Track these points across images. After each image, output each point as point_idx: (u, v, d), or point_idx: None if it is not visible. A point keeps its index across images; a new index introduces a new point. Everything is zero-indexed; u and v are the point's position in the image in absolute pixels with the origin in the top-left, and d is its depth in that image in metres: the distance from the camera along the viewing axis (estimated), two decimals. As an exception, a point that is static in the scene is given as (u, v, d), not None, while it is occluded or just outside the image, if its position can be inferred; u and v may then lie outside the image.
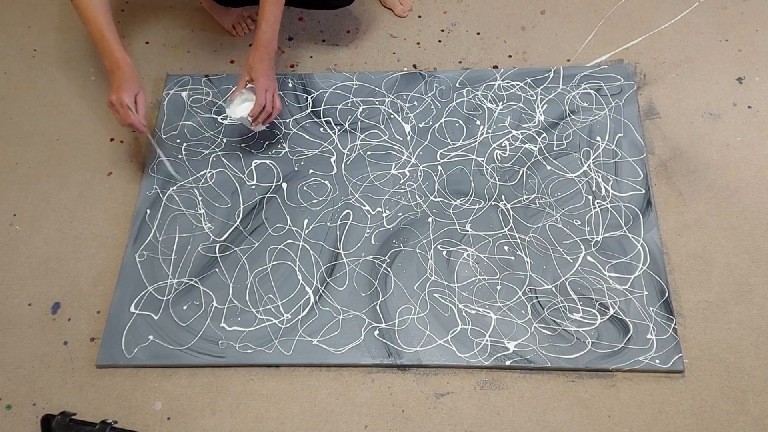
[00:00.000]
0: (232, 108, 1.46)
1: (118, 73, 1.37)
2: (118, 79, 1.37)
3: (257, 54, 1.42)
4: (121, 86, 1.36)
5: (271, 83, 1.44)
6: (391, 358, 1.29)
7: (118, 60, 1.37)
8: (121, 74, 1.37)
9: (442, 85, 1.62)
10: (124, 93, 1.35)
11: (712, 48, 1.67)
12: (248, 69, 1.44)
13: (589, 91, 1.59)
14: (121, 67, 1.37)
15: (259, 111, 1.43)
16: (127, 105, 1.35)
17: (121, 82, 1.36)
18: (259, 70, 1.42)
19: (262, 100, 1.42)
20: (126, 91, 1.36)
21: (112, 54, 1.37)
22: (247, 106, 1.45)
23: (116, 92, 1.36)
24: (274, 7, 1.42)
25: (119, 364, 1.31)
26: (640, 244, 1.38)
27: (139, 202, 1.49)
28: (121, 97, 1.35)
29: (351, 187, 1.49)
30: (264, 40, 1.42)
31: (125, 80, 1.36)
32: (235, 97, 1.46)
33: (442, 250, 1.40)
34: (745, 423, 1.21)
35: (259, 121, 1.44)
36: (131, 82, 1.37)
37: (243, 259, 1.41)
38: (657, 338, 1.28)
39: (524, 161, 1.50)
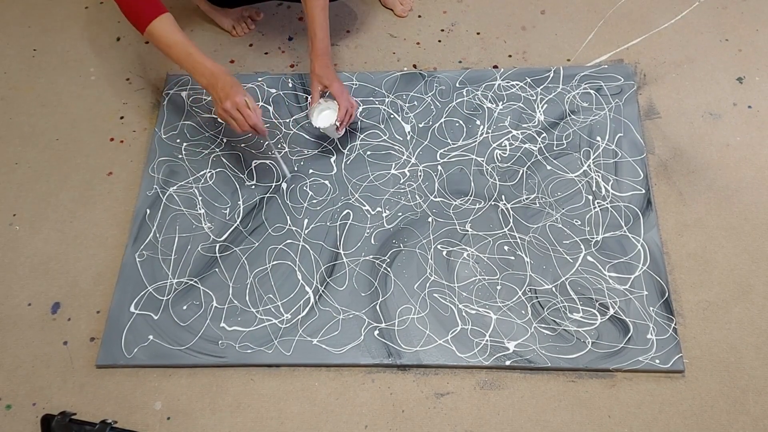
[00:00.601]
0: (316, 119, 1.47)
1: (219, 82, 1.32)
2: (222, 87, 1.32)
3: (322, 62, 1.44)
4: (229, 92, 1.32)
5: (343, 86, 1.46)
6: (391, 358, 1.29)
7: (213, 71, 1.33)
8: (223, 81, 1.32)
9: (442, 85, 1.62)
10: (236, 97, 1.31)
11: (712, 48, 1.67)
12: (317, 78, 1.45)
13: (589, 91, 1.59)
14: (219, 76, 1.33)
15: (344, 114, 1.44)
16: (247, 106, 1.32)
17: (227, 88, 1.32)
18: (328, 76, 1.44)
19: (345, 104, 1.44)
20: (237, 94, 1.32)
21: (205, 67, 1.33)
22: (328, 114, 1.46)
23: (227, 98, 1.31)
24: (323, 13, 1.43)
25: (119, 364, 1.31)
26: (640, 244, 1.38)
27: (138, 202, 1.49)
28: (236, 102, 1.31)
29: (351, 187, 1.49)
30: (323, 48, 1.44)
31: (230, 85, 1.32)
32: (314, 108, 1.46)
33: (442, 250, 1.40)
34: (745, 423, 1.21)
35: (345, 124, 1.45)
36: (236, 85, 1.33)
37: (243, 259, 1.41)
38: (657, 338, 1.28)
39: (524, 161, 1.50)
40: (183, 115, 1.62)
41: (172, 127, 1.60)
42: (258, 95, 1.63)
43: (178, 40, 1.34)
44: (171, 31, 1.34)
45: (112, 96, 1.69)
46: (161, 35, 1.34)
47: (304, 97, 1.63)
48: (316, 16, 1.42)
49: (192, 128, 1.60)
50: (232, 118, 1.33)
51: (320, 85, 1.45)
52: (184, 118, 1.61)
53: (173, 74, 1.69)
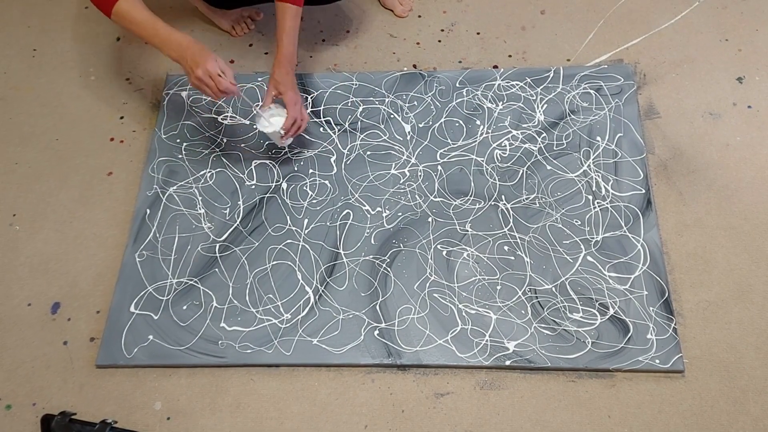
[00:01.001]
0: (261, 122, 1.46)
1: (188, 52, 1.32)
2: (192, 57, 1.32)
3: (282, 69, 1.43)
4: (199, 60, 1.31)
5: (298, 96, 1.45)
6: (391, 358, 1.29)
7: (181, 42, 1.33)
8: (192, 51, 1.32)
9: (442, 85, 1.62)
10: (207, 63, 1.31)
11: (712, 48, 1.67)
12: (274, 84, 1.44)
13: (589, 90, 1.59)
14: (188, 46, 1.32)
15: (290, 124, 1.43)
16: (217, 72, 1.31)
17: (197, 56, 1.31)
18: (285, 84, 1.43)
19: (294, 113, 1.42)
20: (207, 61, 1.31)
21: (172, 40, 1.33)
22: (276, 120, 1.45)
23: (197, 67, 1.31)
24: (292, 21, 1.42)
25: (119, 364, 1.31)
26: (640, 244, 1.38)
27: (138, 202, 1.49)
28: (207, 69, 1.30)
29: (351, 187, 1.49)
30: (287, 55, 1.43)
31: (200, 53, 1.32)
32: (264, 112, 1.45)
33: (442, 250, 1.40)
34: (745, 423, 1.21)
35: (290, 134, 1.44)
36: (205, 52, 1.32)
37: (243, 259, 1.41)
38: (657, 338, 1.28)
39: (524, 161, 1.50)
40: (183, 115, 1.62)
41: (172, 127, 1.60)
42: (258, 95, 1.63)
43: (144, 17, 1.34)
44: (136, 9, 1.34)
45: (112, 96, 1.69)
46: (127, 14, 1.34)
47: (304, 97, 1.63)
48: (285, 22, 1.41)
49: (192, 128, 1.60)
50: (205, 86, 1.33)
51: (275, 91, 1.44)
52: (184, 118, 1.61)
53: (173, 74, 1.69)
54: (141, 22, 1.34)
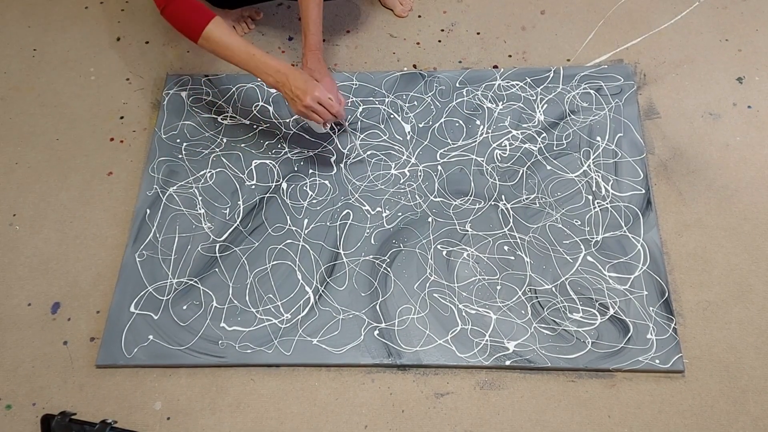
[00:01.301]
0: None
1: (289, 78, 1.32)
2: (296, 84, 1.32)
3: (314, 56, 1.45)
4: (306, 88, 1.32)
5: (333, 82, 1.47)
6: (391, 358, 1.29)
7: (280, 69, 1.33)
8: (294, 78, 1.33)
9: (442, 85, 1.62)
10: (314, 91, 1.32)
11: (712, 48, 1.67)
12: (310, 72, 1.45)
13: (589, 91, 1.59)
14: (289, 73, 1.33)
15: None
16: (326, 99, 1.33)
17: (302, 84, 1.32)
18: (320, 71, 1.45)
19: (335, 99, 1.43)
20: (315, 88, 1.32)
21: (270, 66, 1.33)
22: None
23: (305, 95, 1.31)
24: (317, 9, 1.44)
25: (119, 364, 1.31)
26: (640, 244, 1.38)
27: (138, 202, 1.49)
28: (315, 96, 1.32)
29: (351, 187, 1.49)
30: (316, 43, 1.46)
31: (304, 81, 1.33)
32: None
33: (442, 250, 1.40)
34: (745, 423, 1.21)
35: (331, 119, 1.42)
36: (310, 79, 1.33)
37: (243, 259, 1.41)
38: (657, 338, 1.28)
39: (524, 161, 1.50)
40: (183, 115, 1.62)
41: (172, 127, 1.60)
42: (258, 95, 1.63)
43: (236, 41, 1.34)
44: (227, 34, 1.33)
45: (112, 96, 1.69)
46: (218, 39, 1.33)
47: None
48: (310, 11, 1.43)
49: (192, 128, 1.60)
50: (315, 113, 1.34)
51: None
52: (184, 118, 1.61)
53: (173, 74, 1.69)
54: (234, 47, 1.33)
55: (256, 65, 1.34)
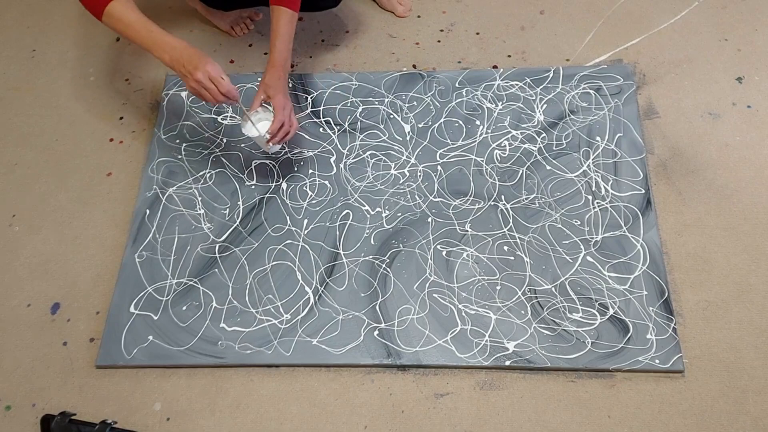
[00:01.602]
0: (248, 127, 1.41)
1: (184, 55, 1.28)
2: (189, 60, 1.28)
3: (274, 72, 1.39)
4: (197, 64, 1.27)
5: (288, 102, 1.41)
6: (391, 359, 1.29)
7: (175, 45, 1.29)
8: (188, 54, 1.28)
9: (442, 85, 1.62)
10: (207, 65, 1.27)
11: (711, 48, 1.67)
12: (264, 88, 1.40)
13: (588, 90, 1.59)
14: (183, 50, 1.29)
15: (278, 128, 1.39)
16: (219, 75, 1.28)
17: (195, 60, 1.28)
18: (276, 88, 1.39)
19: (281, 117, 1.38)
20: (207, 63, 1.27)
21: (166, 42, 1.29)
22: (263, 125, 1.41)
23: (196, 70, 1.27)
24: (288, 27, 1.39)
25: (119, 365, 1.31)
26: (640, 244, 1.38)
27: (138, 203, 1.49)
28: (207, 70, 1.27)
29: (350, 187, 1.49)
30: (280, 60, 1.40)
31: (198, 56, 1.28)
32: (251, 116, 1.41)
33: (441, 250, 1.40)
34: (745, 423, 1.21)
35: (276, 139, 1.40)
36: (203, 55, 1.29)
37: (243, 259, 1.41)
38: (657, 338, 1.28)
39: (524, 161, 1.50)
40: (182, 115, 1.62)
41: (172, 127, 1.60)
42: (257, 95, 1.63)
43: (137, 18, 1.30)
44: (128, 11, 1.31)
45: (112, 96, 1.69)
46: (119, 16, 1.31)
47: (304, 97, 1.63)
48: (279, 27, 1.39)
49: (191, 128, 1.60)
50: (205, 89, 1.29)
51: (264, 95, 1.40)
52: (184, 118, 1.61)
53: (172, 75, 1.69)
54: (133, 23, 1.31)
55: (154, 41, 1.30)
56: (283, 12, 1.38)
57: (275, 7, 1.39)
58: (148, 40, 1.30)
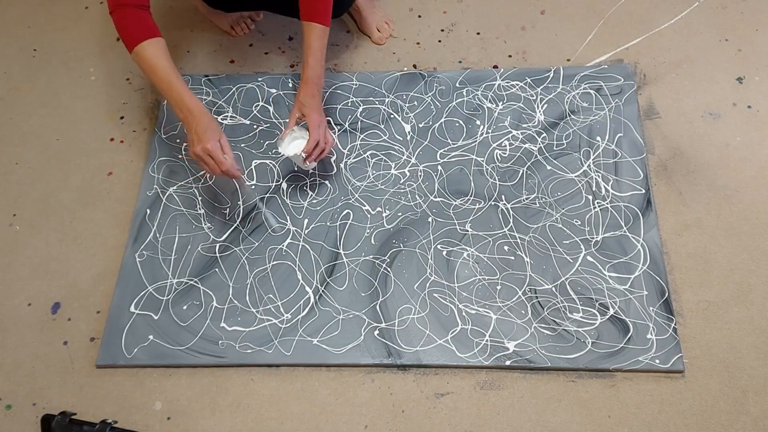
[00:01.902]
0: (283, 146, 1.42)
1: (194, 122, 1.30)
2: (196, 129, 1.30)
3: (307, 90, 1.39)
4: (202, 136, 1.29)
5: (323, 119, 1.41)
6: (391, 358, 1.29)
7: (191, 108, 1.31)
8: (197, 122, 1.30)
9: (442, 85, 1.62)
10: (208, 142, 1.28)
11: (711, 48, 1.67)
12: (299, 105, 1.40)
13: (589, 91, 1.59)
14: (195, 116, 1.30)
15: (313, 147, 1.38)
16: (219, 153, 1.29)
17: (201, 132, 1.29)
18: (310, 106, 1.39)
19: (316, 136, 1.38)
20: (210, 139, 1.29)
21: (183, 101, 1.31)
22: (298, 143, 1.41)
23: (200, 143, 1.29)
24: (319, 41, 1.39)
25: (119, 364, 1.31)
26: (640, 244, 1.38)
27: (138, 202, 1.49)
28: (207, 148, 1.28)
29: (351, 187, 1.49)
30: (313, 76, 1.40)
31: (205, 129, 1.30)
32: (286, 135, 1.41)
33: (442, 250, 1.40)
34: (745, 423, 1.21)
35: (312, 157, 1.40)
36: (211, 130, 1.30)
37: (243, 259, 1.41)
38: (657, 338, 1.28)
39: (524, 161, 1.50)
40: (183, 115, 1.62)
41: (172, 127, 1.60)
42: (258, 95, 1.63)
43: (163, 65, 1.32)
44: (158, 56, 1.32)
45: (112, 96, 1.69)
46: (147, 58, 1.31)
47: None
48: (311, 43, 1.38)
49: (192, 128, 1.60)
50: (204, 163, 1.31)
51: (299, 113, 1.41)
52: (184, 118, 1.61)
53: (173, 74, 1.69)
54: (159, 70, 1.31)
55: (172, 96, 1.32)
56: (314, 27, 1.38)
57: (306, 23, 1.38)
58: (167, 93, 1.33)
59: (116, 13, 1.32)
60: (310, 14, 1.38)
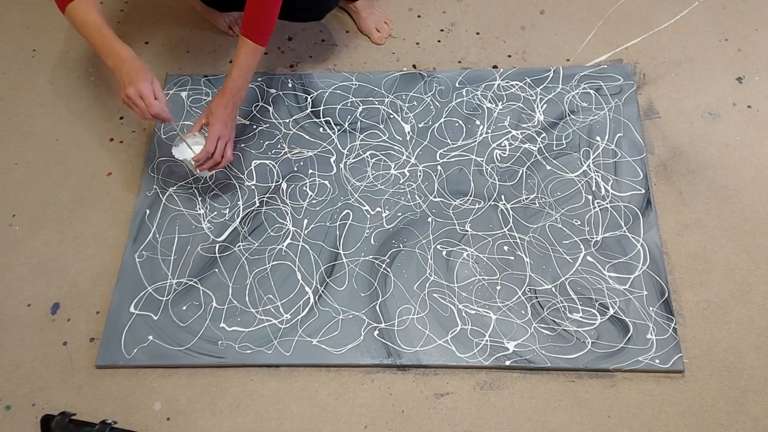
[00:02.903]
0: (179, 148, 1.40)
1: (125, 67, 1.27)
2: (127, 73, 1.27)
3: (222, 100, 1.38)
4: (133, 79, 1.26)
5: (227, 132, 1.39)
6: (391, 359, 1.29)
7: (120, 53, 1.28)
8: (128, 67, 1.27)
9: (442, 85, 1.62)
10: (140, 83, 1.26)
11: (711, 48, 1.67)
12: (207, 112, 1.39)
13: (588, 90, 1.59)
14: (125, 60, 1.28)
15: (205, 158, 1.36)
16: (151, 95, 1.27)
17: (132, 74, 1.27)
18: (217, 115, 1.37)
19: (210, 147, 1.36)
20: (141, 80, 1.26)
21: (112, 47, 1.28)
22: (196, 149, 1.39)
23: (131, 85, 1.26)
24: (250, 57, 1.38)
25: (119, 365, 1.31)
26: (640, 244, 1.38)
27: (138, 203, 1.49)
28: (139, 89, 1.26)
29: (350, 187, 1.49)
30: (233, 88, 1.38)
31: (137, 71, 1.27)
32: (188, 138, 1.41)
33: (441, 250, 1.40)
34: (745, 423, 1.21)
35: (204, 167, 1.38)
36: (142, 71, 1.28)
37: (243, 259, 1.41)
38: (657, 338, 1.28)
39: (524, 161, 1.50)
40: (183, 115, 1.62)
41: (172, 127, 1.60)
42: (258, 95, 1.63)
43: (93, 19, 1.30)
44: (89, 11, 1.30)
45: (112, 96, 1.69)
46: (78, 14, 1.30)
47: (304, 97, 1.63)
48: (240, 56, 1.37)
49: (191, 128, 1.60)
50: (134, 105, 1.28)
51: (206, 119, 1.40)
52: (184, 118, 1.61)
53: (173, 74, 1.69)
54: (89, 24, 1.30)
55: (103, 45, 1.29)
56: (248, 43, 1.37)
57: (241, 37, 1.37)
58: (99, 43, 1.30)
59: None
60: (248, 30, 1.36)
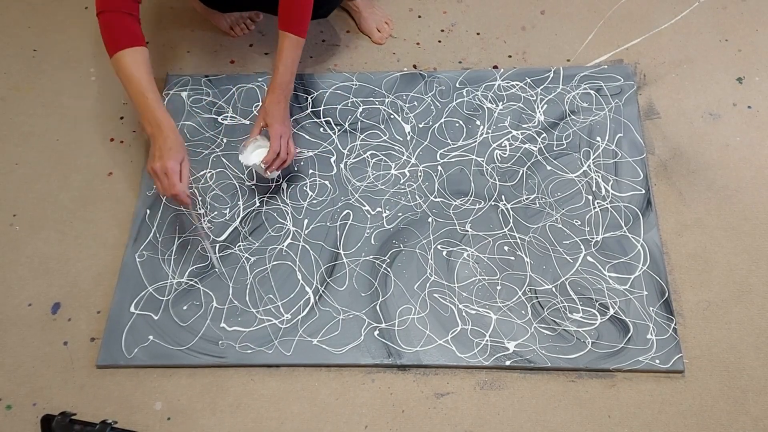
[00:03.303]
0: (245, 154, 1.41)
1: (160, 137, 1.26)
2: (161, 145, 1.25)
3: (273, 97, 1.37)
4: (164, 154, 1.24)
5: (286, 129, 1.39)
6: (391, 358, 1.29)
7: (160, 122, 1.26)
8: (164, 139, 1.26)
9: (442, 85, 1.62)
10: (169, 161, 1.24)
11: (711, 48, 1.67)
12: (263, 113, 1.39)
13: (589, 91, 1.59)
14: (164, 131, 1.26)
15: (273, 158, 1.38)
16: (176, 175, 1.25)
17: (165, 148, 1.25)
18: (274, 115, 1.37)
19: (276, 147, 1.37)
20: (171, 158, 1.24)
21: (154, 114, 1.27)
22: (260, 152, 1.40)
23: (160, 160, 1.24)
24: (292, 50, 1.38)
25: (119, 364, 1.31)
26: (640, 244, 1.38)
27: (139, 203, 1.49)
28: (166, 166, 1.24)
29: (351, 187, 1.49)
30: (281, 83, 1.38)
31: (169, 147, 1.25)
32: (249, 143, 1.41)
33: (442, 250, 1.40)
34: (745, 423, 1.21)
35: (273, 168, 1.39)
36: (175, 149, 1.26)
37: (243, 259, 1.41)
38: (657, 338, 1.28)
39: (524, 161, 1.50)
40: (183, 115, 1.62)
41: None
42: (258, 95, 1.63)
43: (140, 76, 1.28)
44: (136, 66, 1.28)
45: (112, 96, 1.69)
46: (125, 66, 1.28)
47: (305, 97, 1.63)
48: (283, 51, 1.37)
49: (192, 128, 1.60)
50: (157, 180, 1.27)
51: (263, 121, 1.39)
52: (184, 118, 1.61)
53: (173, 74, 1.69)
54: (135, 80, 1.28)
55: (145, 108, 1.28)
56: (287, 37, 1.37)
57: (281, 32, 1.38)
58: (141, 105, 1.28)
59: (103, 16, 1.30)
60: (286, 24, 1.37)
